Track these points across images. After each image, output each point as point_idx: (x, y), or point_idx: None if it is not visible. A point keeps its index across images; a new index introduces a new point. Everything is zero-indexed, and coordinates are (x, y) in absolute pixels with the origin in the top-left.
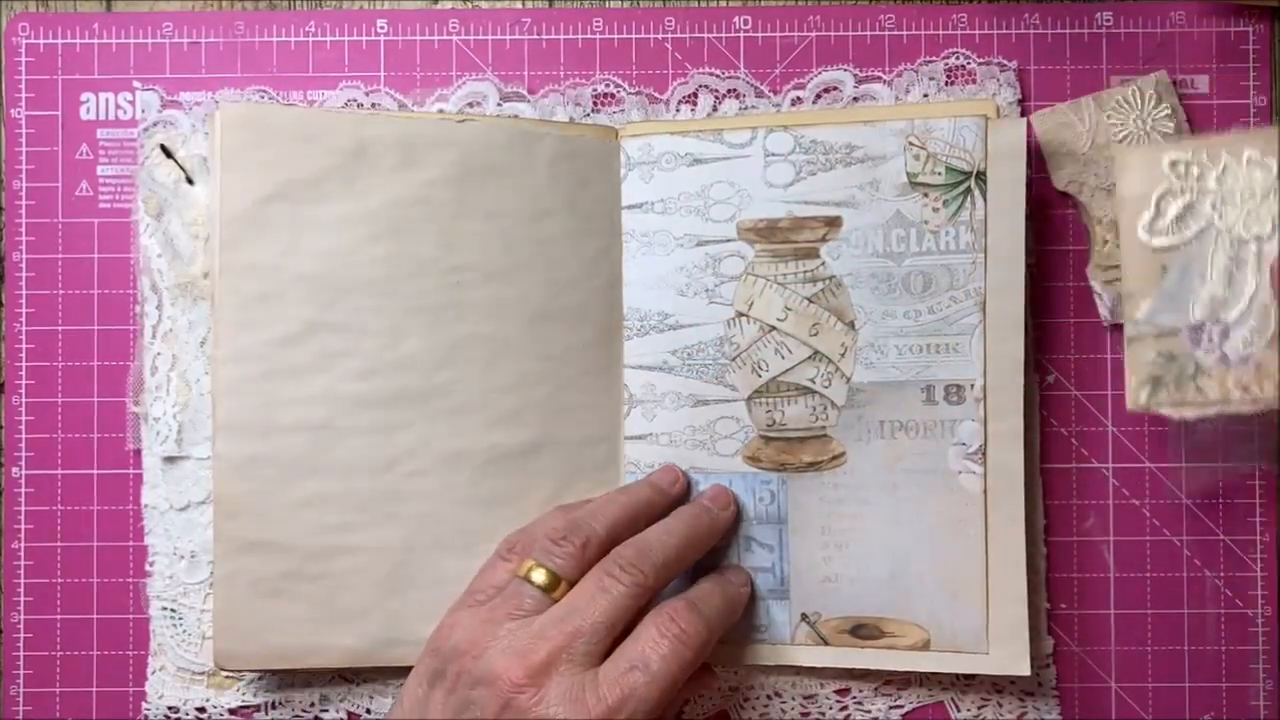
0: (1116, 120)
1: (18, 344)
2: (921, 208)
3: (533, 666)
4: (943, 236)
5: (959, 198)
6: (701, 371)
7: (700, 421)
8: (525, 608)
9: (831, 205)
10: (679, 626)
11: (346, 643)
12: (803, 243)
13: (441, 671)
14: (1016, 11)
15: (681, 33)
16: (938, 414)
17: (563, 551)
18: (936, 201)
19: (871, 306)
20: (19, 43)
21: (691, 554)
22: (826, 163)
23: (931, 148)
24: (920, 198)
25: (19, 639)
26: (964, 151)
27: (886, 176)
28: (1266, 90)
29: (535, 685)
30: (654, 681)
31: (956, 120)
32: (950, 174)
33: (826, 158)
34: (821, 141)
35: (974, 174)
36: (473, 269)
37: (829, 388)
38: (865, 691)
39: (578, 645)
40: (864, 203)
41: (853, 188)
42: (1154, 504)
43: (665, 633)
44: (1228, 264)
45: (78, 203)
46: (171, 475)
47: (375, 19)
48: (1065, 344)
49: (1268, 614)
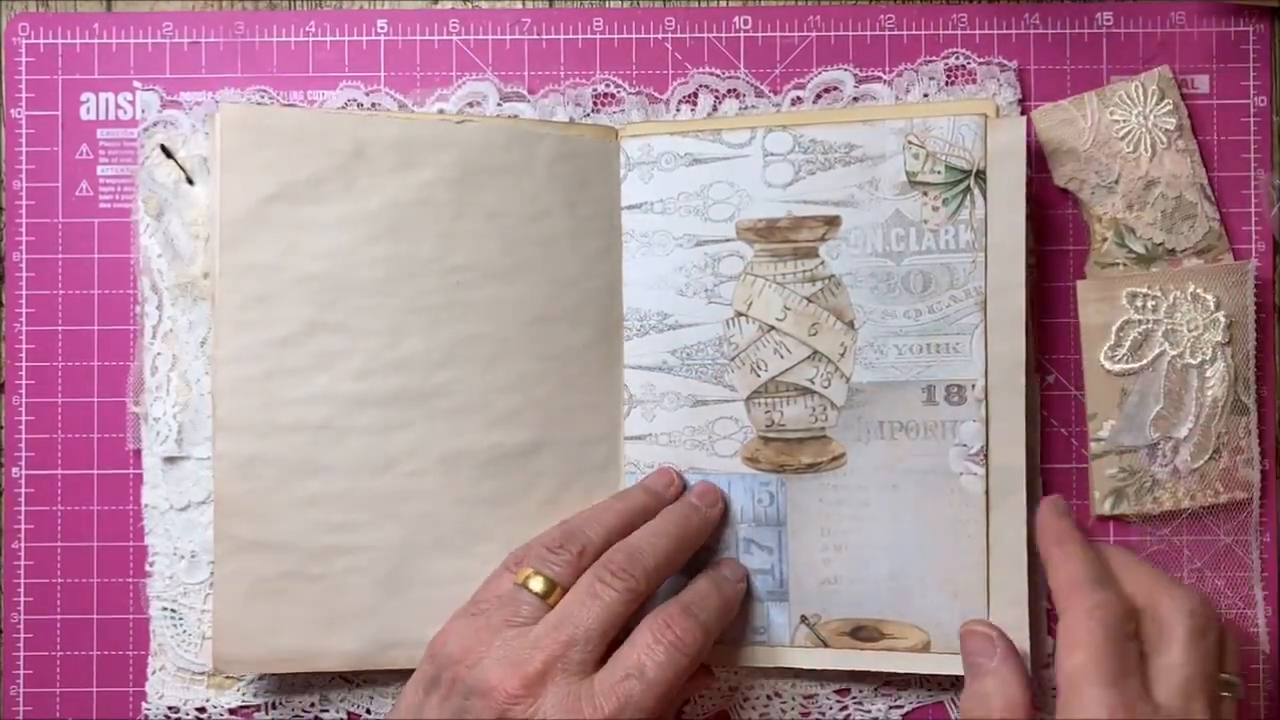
0: (1119, 117)
1: (18, 344)
2: (921, 207)
3: (528, 677)
4: (942, 235)
5: (958, 196)
6: (700, 372)
7: (699, 422)
8: (522, 615)
9: (830, 205)
10: (674, 633)
11: (346, 646)
12: (802, 242)
13: (437, 679)
14: (1016, 11)
15: (681, 33)
16: (938, 414)
17: (559, 559)
18: (936, 200)
19: (871, 306)
20: (19, 43)
21: (682, 555)
22: (825, 162)
23: (930, 146)
24: (919, 197)
25: (19, 639)
26: (963, 150)
27: (885, 175)
28: (1266, 90)
29: (531, 696)
30: (650, 689)
31: (955, 119)
32: (950, 173)
33: (825, 157)
34: (820, 141)
35: (974, 173)
36: (473, 269)
37: (828, 388)
38: (865, 691)
39: (572, 654)
40: (863, 202)
41: (852, 187)
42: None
43: (660, 639)
44: (1176, 388)
45: (78, 203)
46: (171, 475)
47: (375, 19)
48: (1065, 344)
49: (1268, 614)
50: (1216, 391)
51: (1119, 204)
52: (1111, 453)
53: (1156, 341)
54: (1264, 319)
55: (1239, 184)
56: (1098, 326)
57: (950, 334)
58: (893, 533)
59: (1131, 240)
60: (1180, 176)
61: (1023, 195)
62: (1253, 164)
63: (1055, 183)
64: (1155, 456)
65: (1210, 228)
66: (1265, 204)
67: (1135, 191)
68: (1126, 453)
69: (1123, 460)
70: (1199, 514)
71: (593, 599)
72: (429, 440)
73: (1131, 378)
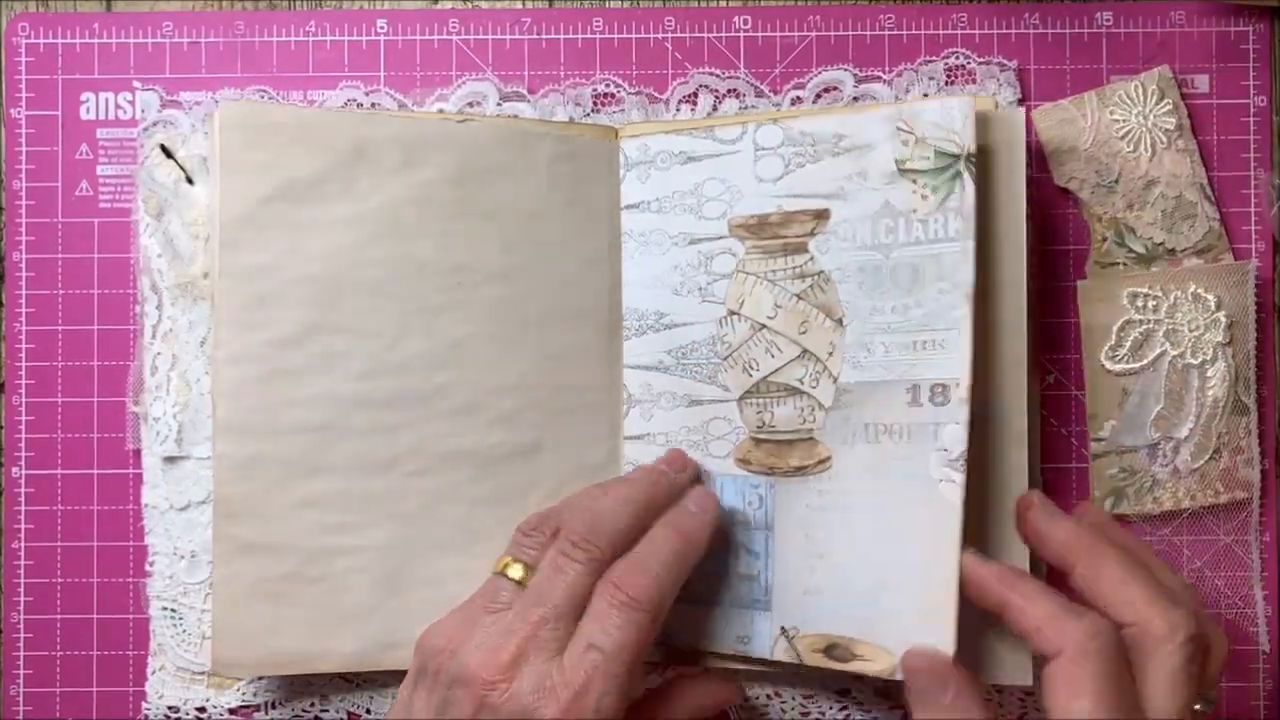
0: (1119, 116)
1: (18, 344)
2: (910, 195)
3: (504, 662)
4: (931, 225)
5: (948, 183)
6: (695, 371)
7: (695, 422)
8: (500, 601)
9: (820, 198)
10: (625, 594)
11: (346, 647)
12: (791, 237)
13: (423, 671)
14: (1016, 11)
15: (681, 33)
16: (921, 416)
17: (532, 542)
18: (925, 188)
19: (860, 302)
20: (19, 43)
21: (649, 518)
22: (814, 154)
23: (920, 132)
24: (909, 184)
25: (19, 639)
26: (952, 134)
27: (875, 165)
28: (1266, 90)
29: (507, 680)
30: (613, 656)
31: (944, 101)
32: (939, 158)
33: (814, 149)
34: (809, 133)
35: (963, 156)
36: (473, 269)
37: (816, 388)
38: (865, 692)
39: (544, 633)
40: (852, 193)
41: (841, 179)
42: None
43: (614, 601)
44: (1177, 388)
45: (78, 203)
46: (171, 475)
47: (375, 19)
48: (1065, 344)
49: (1268, 614)
50: (1217, 391)
51: (1119, 204)
52: (1112, 453)
53: (1157, 341)
54: (1264, 319)
55: (1239, 184)
56: (1099, 326)
57: (938, 329)
58: (873, 543)
59: (1131, 240)
60: (1180, 176)
61: (1023, 191)
62: (1253, 164)
63: (1055, 182)
64: (1156, 456)
65: (1210, 228)
66: (1265, 204)
67: (1135, 191)
68: (1127, 453)
69: (1123, 460)
70: (1199, 514)
71: (558, 574)
72: (429, 441)
73: (1132, 378)
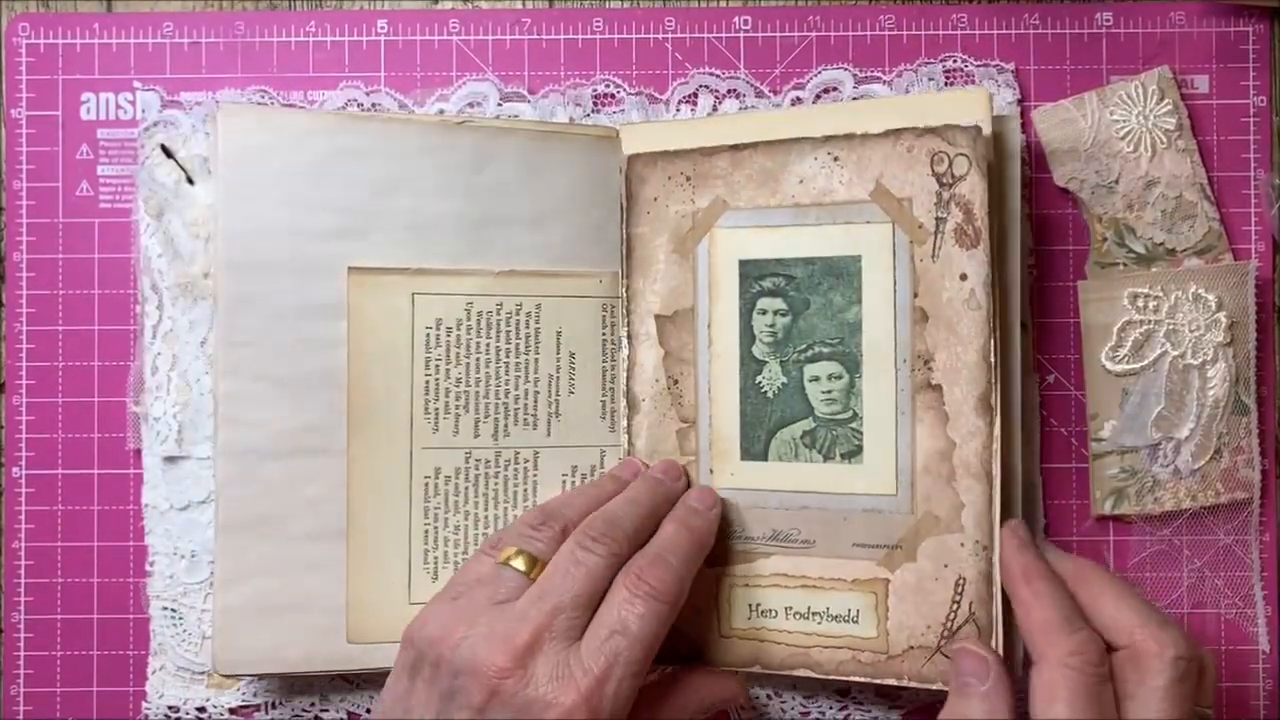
0: (1119, 116)
1: (18, 344)
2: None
3: (517, 650)
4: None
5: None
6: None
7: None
8: (505, 591)
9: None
10: (648, 584)
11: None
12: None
13: (419, 662)
14: (1016, 12)
15: (681, 33)
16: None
17: (543, 535)
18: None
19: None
20: (19, 43)
21: (653, 523)
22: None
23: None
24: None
25: (19, 639)
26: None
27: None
28: (1266, 90)
29: (521, 668)
30: (635, 643)
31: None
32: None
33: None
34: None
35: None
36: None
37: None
38: (865, 692)
39: (559, 621)
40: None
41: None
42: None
43: (637, 591)
44: (1178, 389)
45: (78, 203)
46: (172, 475)
47: (375, 19)
48: (1065, 344)
49: (1268, 614)
50: (1218, 392)
51: (1119, 204)
52: (1112, 453)
53: (1158, 342)
54: (1264, 319)
55: (1239, 184)
56: (1099, 326)
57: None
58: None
59: (1132, 240)
60: (1180, 176)
61: (1019, 195)
62: (1253, 164)
63: (1055, 183)
64: (1156, 457)
65: (1210, 228)
66: (1265, 204)
67: (1135, 191)
68: (1127, 453)
69: (1123, 460)
70: (1199, 514)
71: (576, 566)
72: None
73: (1133, 378)
